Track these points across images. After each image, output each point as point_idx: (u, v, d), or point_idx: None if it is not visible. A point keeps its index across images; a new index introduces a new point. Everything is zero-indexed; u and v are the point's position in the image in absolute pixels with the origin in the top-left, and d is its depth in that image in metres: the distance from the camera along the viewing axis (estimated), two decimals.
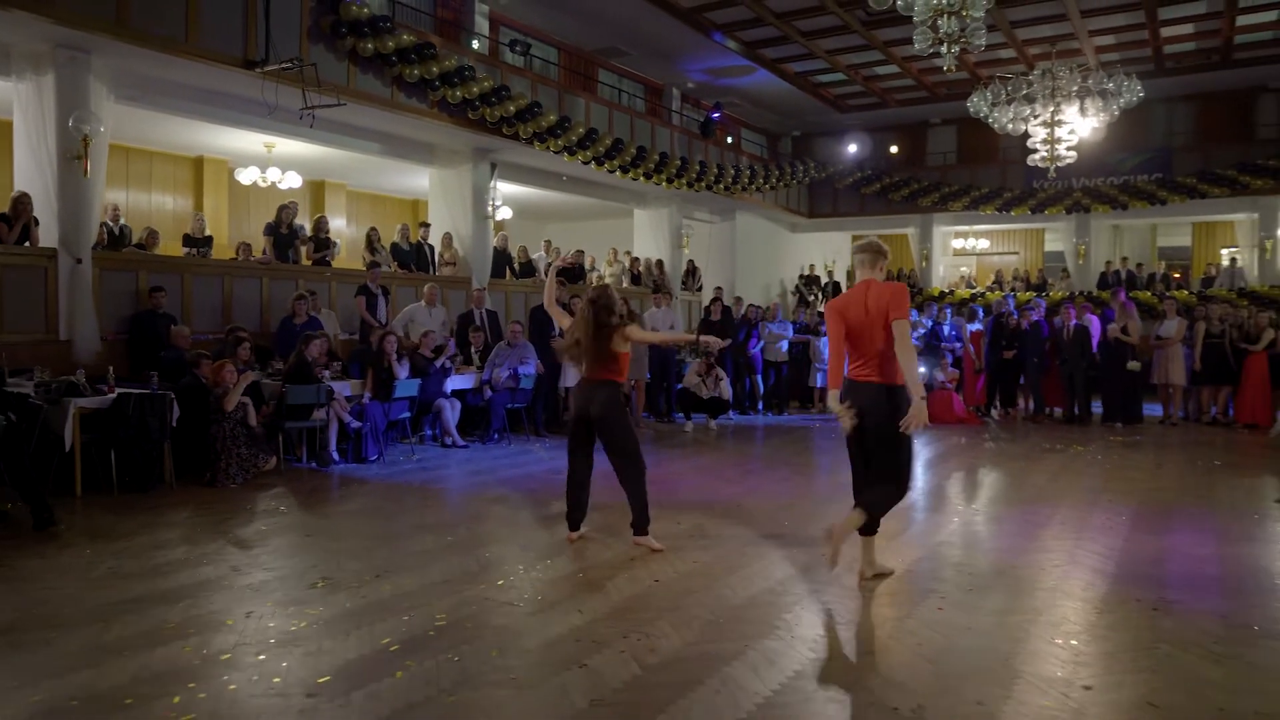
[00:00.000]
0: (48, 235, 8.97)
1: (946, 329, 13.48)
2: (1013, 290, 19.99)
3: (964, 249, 22.68)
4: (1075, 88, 14.33)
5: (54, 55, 8.72)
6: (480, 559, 5.18)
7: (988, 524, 6.23)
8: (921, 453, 9.68)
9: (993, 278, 21.05)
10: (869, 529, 4.72)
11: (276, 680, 3.39)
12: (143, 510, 6.46)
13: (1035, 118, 14.66)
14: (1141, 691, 3.37)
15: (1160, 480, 7.98)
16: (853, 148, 20.06)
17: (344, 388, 9.03)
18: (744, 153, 19.43)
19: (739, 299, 14.07)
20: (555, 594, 4.53)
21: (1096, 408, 12.63)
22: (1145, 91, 14.12)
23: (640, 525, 5.42)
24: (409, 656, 3.64)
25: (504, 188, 16.10)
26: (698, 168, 16.08)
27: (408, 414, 9.19)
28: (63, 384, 7.15)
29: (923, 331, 13.32)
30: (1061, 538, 5.77)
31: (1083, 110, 14.46)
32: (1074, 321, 12.37)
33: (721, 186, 16.78)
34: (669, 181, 15.45)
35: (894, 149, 21.69)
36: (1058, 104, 14.29)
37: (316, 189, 16.02)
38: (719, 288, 14.75)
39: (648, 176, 14.96)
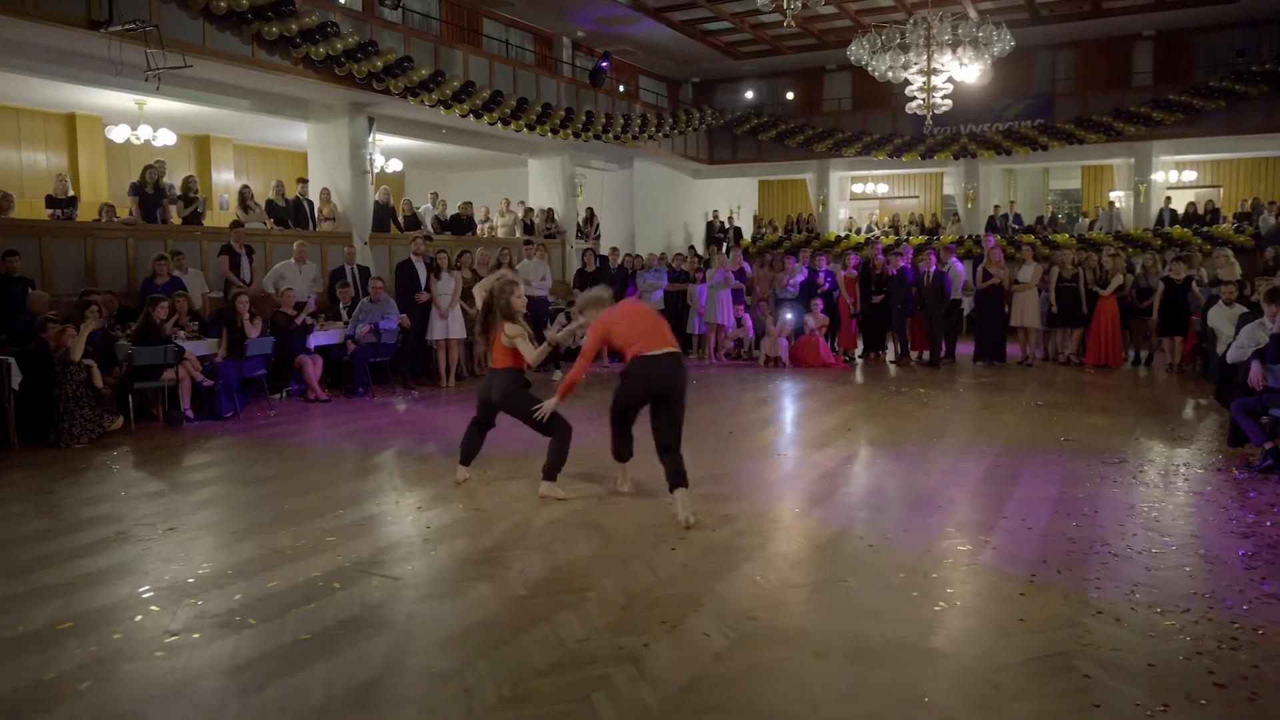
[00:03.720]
0: None
1: (821, 275, 13.97)
2: (908, 233, 20.62)
3: (864, 193, 23.17)
4: (948, 37, 14.70)
5: None
6: (280, 510, 5.53)
7: (774, 467, 6.71)
8: (774, 397, 10.22)
9: (887, 221, 21.60)
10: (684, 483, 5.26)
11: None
12: None
13: (913, 65, 15.05)
14: (794, 620, 3.86)
15: (975, 421, 8.58)
16: (749, 94, 20.28)
17: (200, 347, 9.22)
18: (639, 100, 19.57)
19: (614, 249, 14.36)
20: (311, 543, 4.90)
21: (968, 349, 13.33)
22: (1029, 39, 14.54)
23: (548, 472, 5.82)
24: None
25: (395, 141, 16.12)
26: (584, 117, 16.22)
27: (263, 371, 9.41)
28: None
29: (801, 279, 13.80)
30: (833, 479, 6.29)
31: (958, 59, 14.87)
32: (934, 268, 12.92)
33: (611, 135, 16.95)
34: (554, 132, 15.58)
35: (790, 95, 21.98)
36: (931, 53, 14.67)
37: (201, 143, 15.85)
38: (594, 240, 15.01)
39: (530, 128, 15.08)
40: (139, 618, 3.91)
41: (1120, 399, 9.88)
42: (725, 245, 20.75)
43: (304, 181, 13.52)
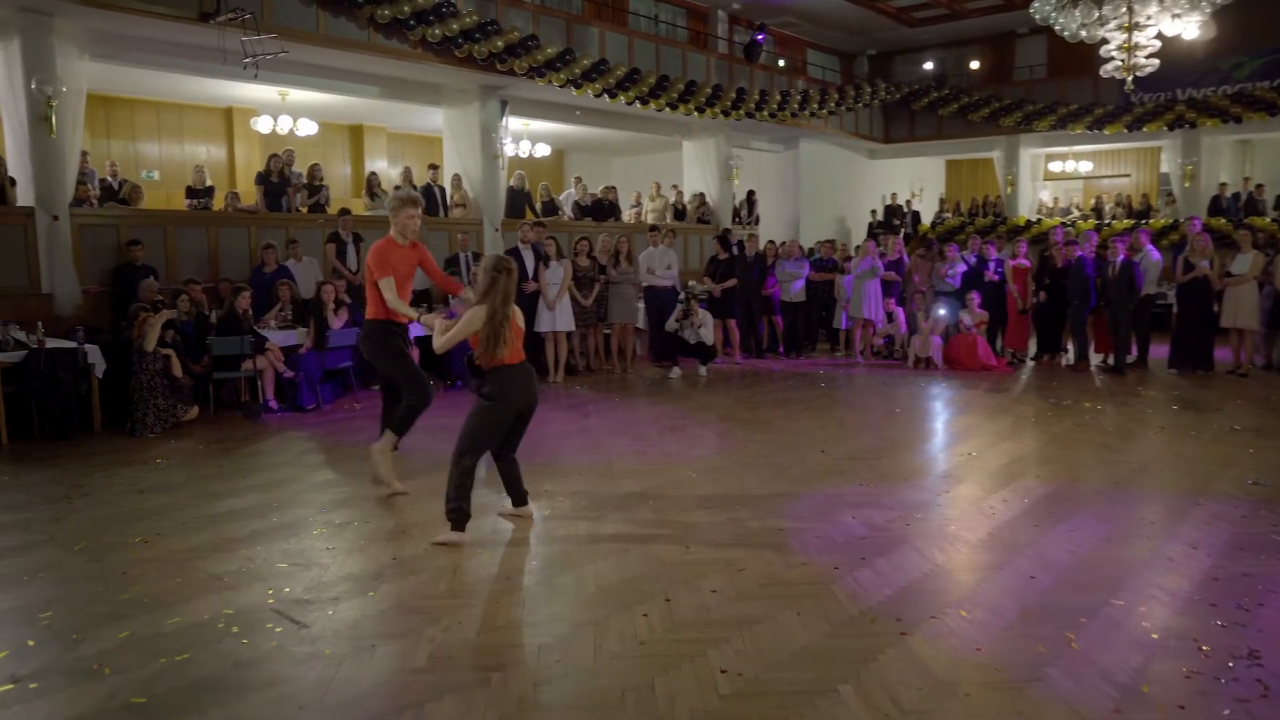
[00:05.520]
0: (29, 194, 9.34)
1: (991, 266, 12.25)
2: (1112, 216, 18.09)
3: (1063, 172, 20.53)
4: None
5: (18, 20, 8.97)
6: (263, 525, 5.04)
7: (845, 501, 5.54)
8: (903, 406, 8.85)
9: (1091, 204, 19.04)
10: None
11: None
12: (37, 460, 6.73)
13: (1110, 21, 12.88)
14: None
15: (1142, 449, 6.96)
16: (928, 65, 18.39)
17: (290, 337, 9.09)
18: (804, 76, 18.20)
19: (753, 235, 13.20)
20: (259, 569, 4.32)
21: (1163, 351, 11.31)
22: None
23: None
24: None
25: (543, 125, 15.75)
26: (733, 95, 15.14)
27: (348, 363, 9.15)
28: None
29: (962, 269, 12.18)
30: (909, 526, 5.07)
31: (1167, 10, 12.57)
32: (1121, 257, 10.93)
33: (766, 113, 15.77)
34: (699, 110, 14.63)
35: (974, 64, 19.78)
36: (1132, 5, 12.47)
37: (355, 132, 16.14)
38: (726, 229, 13.93)
39: (673, 106, 14.21)
40: None
41: None
42: (900, 229, 19.11)
43: (435, 168, 13.36)
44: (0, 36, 9.11)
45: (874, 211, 19.63)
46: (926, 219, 20.43)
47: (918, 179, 21.83)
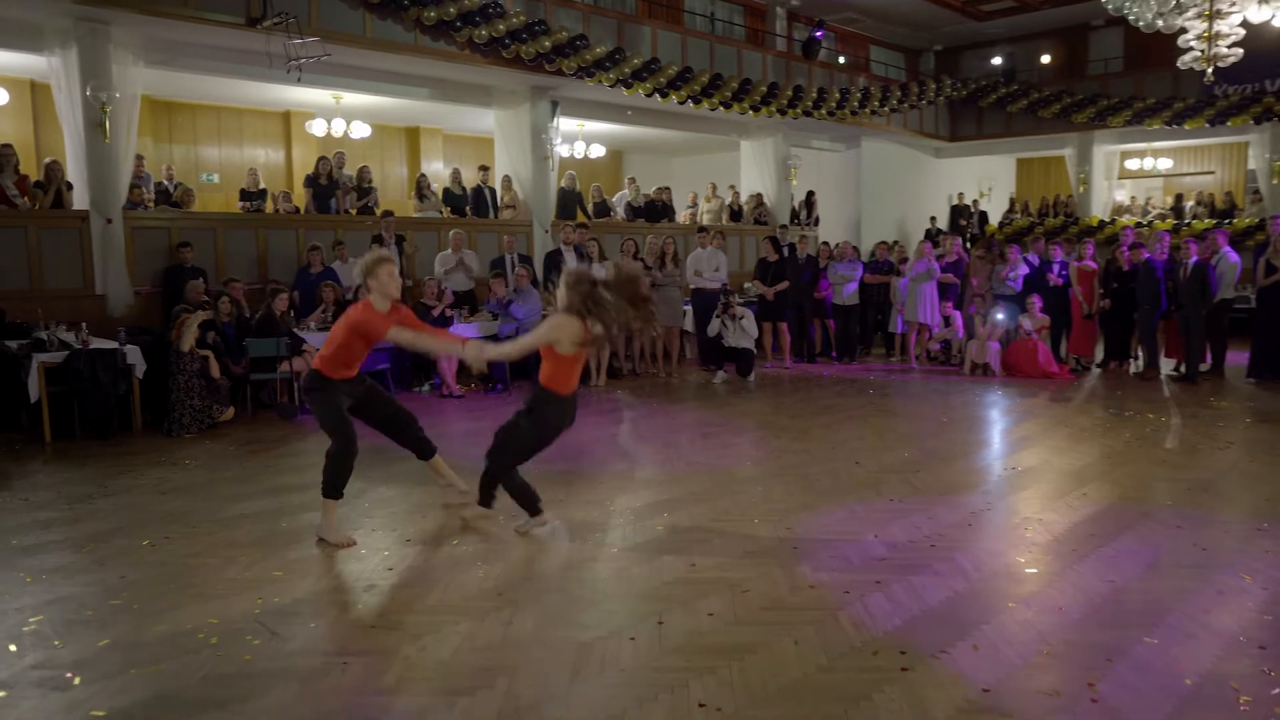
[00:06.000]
0: (84, 198, 9.58)
1: (1055, 268, 11.69)
2: (1194, 216, 17.19)
3: (1141, 170, 19.59)
4: None
5: (76, 29, 9.21)
6: (271, 530, 4.99)
7: (870, 519, 5.24)
8: (952, 416, 8.45)
9: (1171, 203, 18.12)
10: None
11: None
12: (73, 458, 6.85)
13: (1189, 9, 12.19)
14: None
15: (1201, 466, 6.46)
16: (997, 60, 17.74)
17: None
18: (866, 73, 17.72)
19: (803, 237, 12.86)
20: (256, 577, 4.25)
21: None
22: None
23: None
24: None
25: (599, 126, 15.65)
26: (790, 93, 14.80)
27: (385, 365, 9.14)
28: (31, 341, 7.64)
29: (1025, 271, 11.64)
30: (935, 546, 4.76)
31: None
32: (1193, 259, 10.30)
33: (824, 111, 15.38)
34: (754, 109, 14.34)
35: (1045, 58, 19.01)
36: None
37: (411, 135, 16.26)
38: (782, 226, 13.58)
39: (726, 105, 13.95)
40: None
41: None
42: (967, 230, 18.51)
43: (485, 169, 13.35)
44: (59, 45, 9.37)
45: (933, 218, 19.03)
46: (995, 219, 19.75)
47: (986, 178, 21.12)
